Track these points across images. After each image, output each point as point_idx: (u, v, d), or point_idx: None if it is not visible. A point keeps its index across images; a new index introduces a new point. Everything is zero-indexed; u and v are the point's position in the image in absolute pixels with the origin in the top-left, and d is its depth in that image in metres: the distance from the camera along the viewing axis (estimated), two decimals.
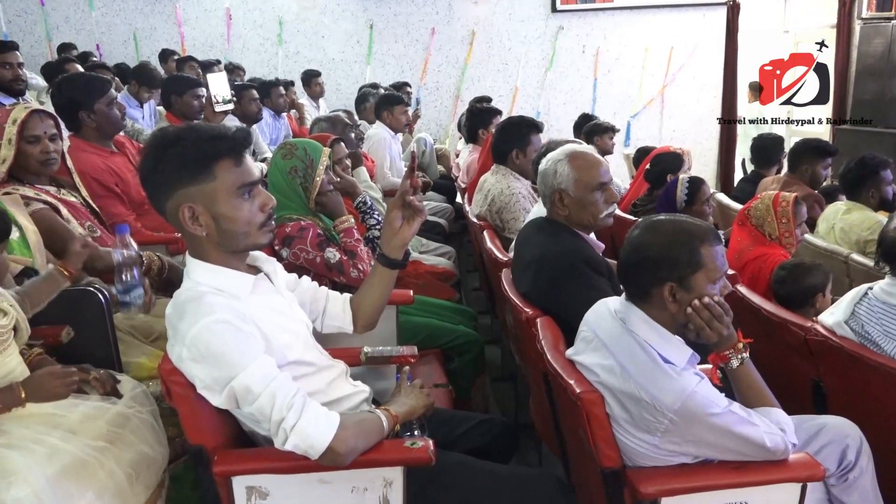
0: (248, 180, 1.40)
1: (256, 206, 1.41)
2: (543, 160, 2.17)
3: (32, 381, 1.50)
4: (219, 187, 1.37)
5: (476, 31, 7.93)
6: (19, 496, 1.33)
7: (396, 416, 1.49)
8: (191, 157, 1.36)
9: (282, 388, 1.33)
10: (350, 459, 1.36)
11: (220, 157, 1.37)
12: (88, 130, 2.82)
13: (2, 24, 7.61)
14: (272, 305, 1.48)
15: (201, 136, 1.37)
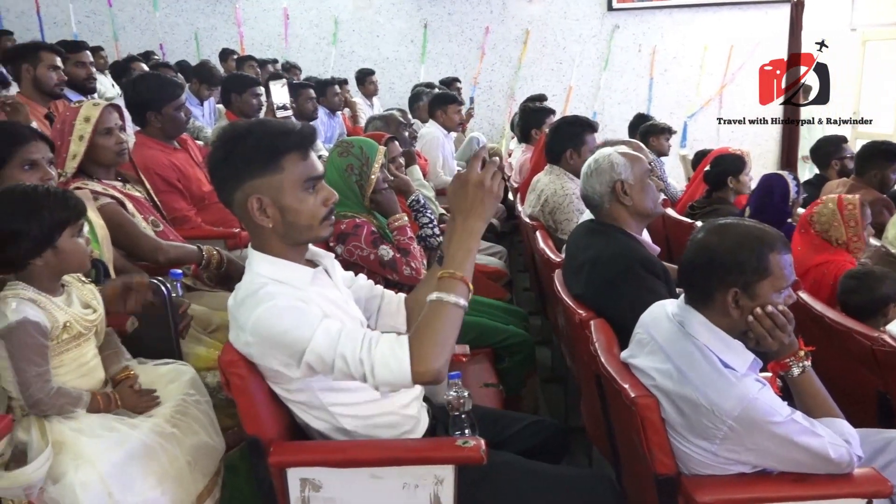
0: (313, 174, 1.43)
1: (320, 200, 1.44)
2: (588, 163, 2.16)
3: (123, 394, 1.57)
4: (286, 180, 1.40)
5: (530, 30, 7.89)
6: (86, 479, 1.38)
7: (463, 277, 1.36)
8: (260, 149, 1.39)
9: (348, 346, 1.33)
10: (444, 369, 1.32)
11: (287, 150, 1.40)
12: (154, 129, 2.91)
13: (72, 25, 7.92)
14: (329, 297, 1.50)
15: (270, 130, 1.41)
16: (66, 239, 1.50)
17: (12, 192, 1.53)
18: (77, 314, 1.56)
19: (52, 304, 1.51)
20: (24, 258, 1.48)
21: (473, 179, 1.36)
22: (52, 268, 1.51)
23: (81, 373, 1.56)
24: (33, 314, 1.46)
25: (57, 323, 1.50)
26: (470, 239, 1.37)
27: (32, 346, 1.44)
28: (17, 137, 1.89)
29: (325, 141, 5.18)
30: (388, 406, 1.53)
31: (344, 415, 1.49)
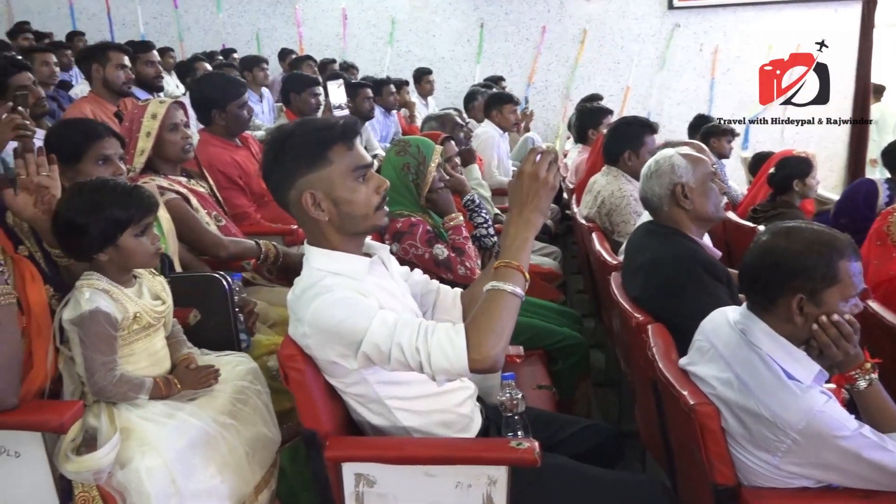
0: (361, 163, 1.45)
1: (371, 188, 1.46)
2: (649, 165, 2.12)
3: (181, 375, 1.61)
4: (335, 171, 1.42)
5: (588, 30, 7.81)
6: (152, 465, 1.43)
7: (520, 267, 1.35)
8: (306, 145, 1.42)
9: (405, 335, 1.34)
10: (500, 358, 1.32)
11: (333, 142, 1.42)
12: (217, 127, 2.99)
13: (140, 26, 8.20)
14: (386, 287, 1.51)
15: (314, 127, 1.46)
16: (127, 238, 1.54)
17: (82, 188, 1.59)
18: (147, 305, 1.61)
19: (124, 295, 1.56)
20: (87, 252, 1.54)
21: (528, 171, 1.36)
22: (116, 263, 1.56)
23: (151, 362, 1.62)
24: (105, 305, 1.51)
25: (128, 313, 1.55)
26: (526, 229, 1.36)
27: (101, 336, 1.50)
28: (92, 133, 1.97)
29: (381, 140, 5.23)
30: (442, 403, 1.54)
31: (400, 409, 1.50)
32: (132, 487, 1.42)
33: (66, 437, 1.43)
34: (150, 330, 1.61)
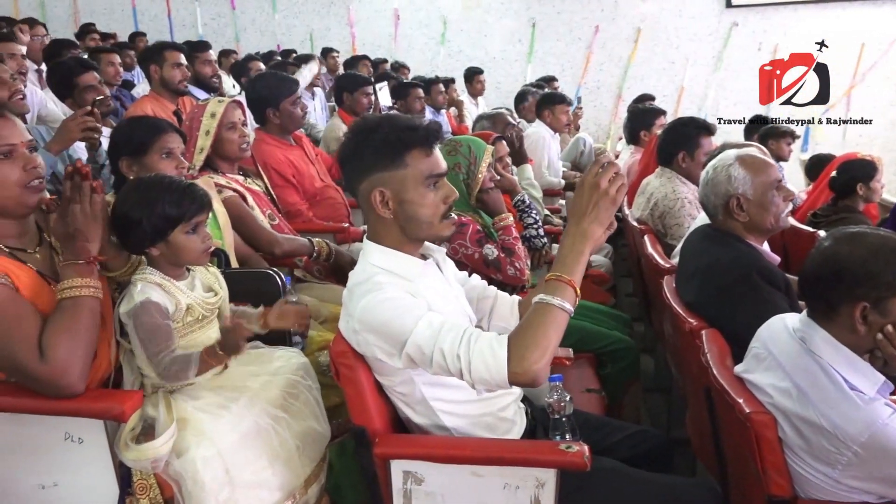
0: (436, 171, 1.45)
1: (440, 197, 1.46)
2: (707, 170, 2.06)
3: (224, 338, 1.60)
4: (409, 175, 1.43)
5: (642, 29, 7.70)
6: (206, 455, 1.47)
7: (571, 281, 1.32)
8: (387, 144, 1.43)
9: (447, 340, 1.33)
10: (542, 373, 1.28)
11: (412, 146, 1.43)
12: (272, 126, 3.05)
13: (199, 27, 8.42)
14: (438, 290, 1.52)
15: (397, 126, 1.45)
16: (177, 234, 1.57)
17: (139, 183, 1.64)
18: (200, 298, 1.65)
19: (176, 288, 1.60)
20: (140, 245, 1.58)
21: (590, 181, 1.32)
22: (167, 258, 1.60)
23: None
24: (156, 296, 1.55)
25: (180, 305, 1.59)
26: (582, 241, 1.33)
27: (153, 325, 1.53)
28: (157, 128, 2.04)
29: None
30: (486, 408, 1.54)
31: (443, 411, 1.50)
32: (188, 476, 1.45)
33: (125, 426, 1.47)
34: (204, 322, 1.65)
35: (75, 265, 1.47)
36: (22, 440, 1.52)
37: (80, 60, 3.21)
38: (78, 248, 1.47)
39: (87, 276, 1.47)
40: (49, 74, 3.12)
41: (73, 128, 2.52)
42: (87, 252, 1.48)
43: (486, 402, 1.53)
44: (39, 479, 1.53)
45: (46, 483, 1.53)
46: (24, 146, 1.50)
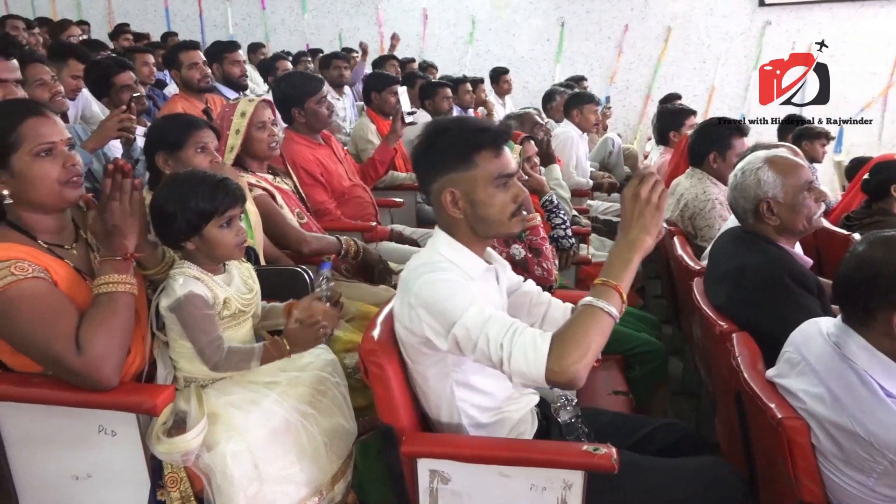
0: (505, 171, 1.47)
1: (509, 196, 1.48)
2: (735, 174, 2.03)
3: (292, 334, 1.63)
4: (479, 176, 1.45)
5: (672, 28, 7.61)
6: (236, 449, 1.49)
7: (618, 286, 1.32)
8: (456, 145, 1.47)
9: (494, 328, 1.34)
10: (581, 374, 1.27)
11: (481, 147, 1.46)
12: (299, 125, 3.07)
13: (230, 27, 8.52)
14: (491, 297, 1.53)
15: (467, 128, 1.49)
16: (212, 228, 1.60)
17: (174, 178, 1.67)
18: (237, 293, 1.67)
19: (213, 282, 1.62)
20: (175, 239, 1.61)
21: (628, 194, 1.34)
22: (202, 252, 1.62)
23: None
24: (198, 289, 1.58)
25: (218, 299, 1.61)
26: (630, 250, 1.33)
27: (200, 317, 1.56)
28: (192, 124, 2.09)
29: None
30: (507, 418, 1.55)
31: (466, 413, 1.51)
32: (217, 470, 1.47)
33: (157, 420, 1.49)
34: (239, 318, 1.67)
35: (112, 261, 1.50)
36: (57, 432, 1.55)
37: (116, 60, 3.27)
38: (115, 244, 1.50)
39: (123, 273, 1.50)
40: (86, 73, 3.18)
41: (110, 126, 2.58)
42: (125, 249, 1.51)
43: (507, 415, 1.55)
44: (74, 471, 1.57)
45: (80, 474, 1.57)
46: (63, 144, 1.53)
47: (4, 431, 1.57)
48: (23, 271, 1.42)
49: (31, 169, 1.47)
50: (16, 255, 1.44)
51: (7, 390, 1.52)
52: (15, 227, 1.51)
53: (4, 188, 1.48)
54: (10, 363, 1.53)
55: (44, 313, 1.42)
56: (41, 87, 2.63)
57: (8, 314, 1.41)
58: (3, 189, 1.48)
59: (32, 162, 1.47)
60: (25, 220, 1.52)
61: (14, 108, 1.54)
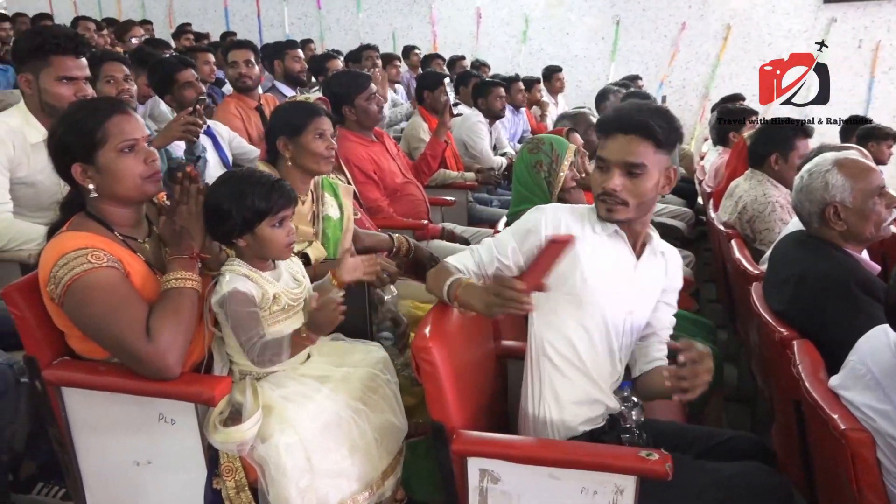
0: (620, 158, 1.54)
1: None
2: (801, 175, 1.97)
3: (311, 320, 1.63)
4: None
5: (732, 26, 7.42)
6: (290, 442, 1.52)
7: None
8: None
9: None
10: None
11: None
12: (351, 122, 3.10)
13: (286, 26, 8.67)
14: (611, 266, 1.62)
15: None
16: (264, 227, 1.63)
17: (230, 176, 1.71)
18: (286, 288, 1.70)
19: (262, 279, 1.66)
20: (228, 236, 1.65)
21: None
22: (253, 250, 1.65)
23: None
24: (242, 286, 1.61)
25: (267, 294, 1.64)
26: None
27: (242, 314, 1.59)
28: (313, 112, 2.18)
29: (510, 138, 5.23)
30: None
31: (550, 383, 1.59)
32: (271, 461, 1.50)
33: (214, 410, 1.53)
34: (289, 312, 1.69)
35: (180, 259, 1.57)
36: (120, 419, 1.61)
37: (179, 58, 3.36)
38: (183, 244, 1.58)
39: (189, 270, 1.57)
40: (150, 72, 3.29)
41: (175, 128, 2.66)
42: (191, 248, 1.59)
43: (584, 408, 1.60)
44: (135, 456, 1.62)
45: (141, 460, 1.62)
46: (144, 140, 1.61)
47: (71, 417, 1.64)
48: (98, 260, 1.48)
49: (115, 164, 1.55)
50: (93, 244, 1.51)
51: (75, 377, 1.59)
52: (94, 217, 1.58)
53: (90, 182, 1.56)
54: (79, 349, 1.60)
55: (116, 302, 1.48)
56: (109, 84, 2.73)
57: (82, 300, 1.47)
58: (89, 183, 1.55)
59: (117, 157, 1.55)
60: (105, 212, 1.59)
61: (100, 107, 1.62)
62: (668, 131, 1.53)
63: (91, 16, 6.95)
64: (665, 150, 1.55)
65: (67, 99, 2.19)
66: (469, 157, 4.44)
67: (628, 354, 1.69)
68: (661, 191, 1.59)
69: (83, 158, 1.55)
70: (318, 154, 2.14)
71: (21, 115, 2.23)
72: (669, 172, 1.58)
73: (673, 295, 1.73)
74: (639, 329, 1.68)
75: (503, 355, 1.94)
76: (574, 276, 1.58)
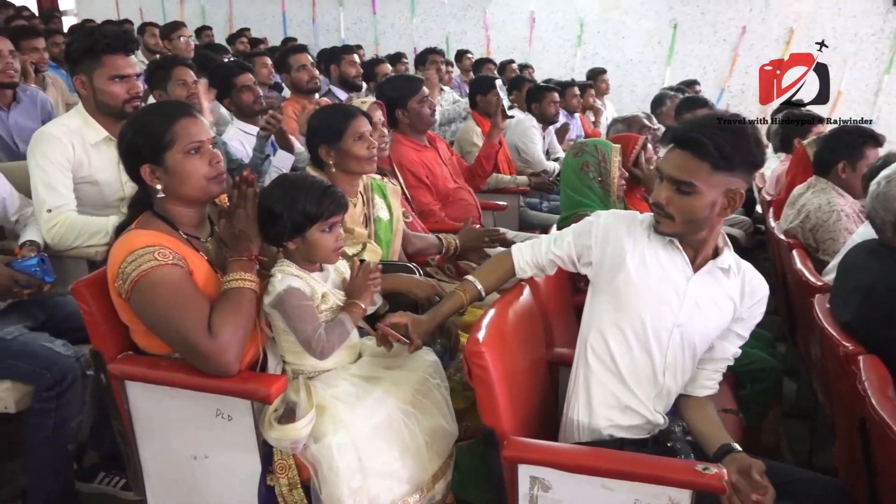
0: (669, 173, 1.52)
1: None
2: (878, 182, 1.89)
3: (349, 288, 1.73)
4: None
5: (795, 29, 7.20)
6: (341, 442, 1.53)
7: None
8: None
9: None
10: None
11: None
12: (404, 126, 3.13)
13: (342, 31, 8.81)
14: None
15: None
16: (314, 232, 1.66)
17: (284, 180, 1.75)
18: (332, 288, 1.73)
19: (311, 278, 1.69)
20: (279, 238, 1.68)
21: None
22: (302, 253, 1.68)
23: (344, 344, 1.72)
24: (295, 283, 1.64)
25: (317, 293, 1.68)
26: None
27: (301, 307, 1.62)
28: (349, 114, 2.21)
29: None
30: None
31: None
32: (324, 460, 1.52)
33: (270, 408, 1.56)
34: (337, 312, 1.71)
35: (240, 261, 1.62)
36: (179, 413, 1.66)
37: (238, 63, 3.45)
38: (242, 247, 1.62)
39: (248, 272, 1.62)
40: (211, 75, 3.38)
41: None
42: (250, 251, 1.63)
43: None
44: (193, 450, 1.67)
45: (199, 454, 1.66)
46: (209, 142, 1.66)
47: (133, 410, 1.70)
48: (164, 258, 1.54)
49: (182, 165, 1.61)
50: (160, 241, 1.57)
51: (137, 371, 1.65)
52: (161, 217, 1.64)
53: (158, 182, 1.61)
54: (142, 345, 1.66)
55: (180, 299, 1.53)
56: (181, 87, 2.83)
57: (148, 296, 1.52)
58: (157, 183, 1.61)
59: (184, 159, 1.61)
60: (171, 212, 1.65)
61: (168, 110, 1.68)
62: (732, 152, 1.45)
63: (156, 20, 7.18)
64: (726, 171, 1.47)
65: (121, 97, 2.27)
66: (521, 161, 4.43)
67: (677, 370, 1.63)
68: (720, 213, 1.52)
69: (152, 160, 1.61)
70: (361, 157, 2.16)
71: (80, 116, 2.32)
72: (733, 195, 1.50)
73: (747, 326, 1.67)
74: (693, 347, 1.62)
75: (555, 362, 1.92)
76: (618, 278, 1.59)
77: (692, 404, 1.69)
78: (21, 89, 3.26)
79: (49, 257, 2.04)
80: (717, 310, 1.61)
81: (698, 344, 1.62)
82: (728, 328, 1.65)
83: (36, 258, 1.99)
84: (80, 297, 1.64)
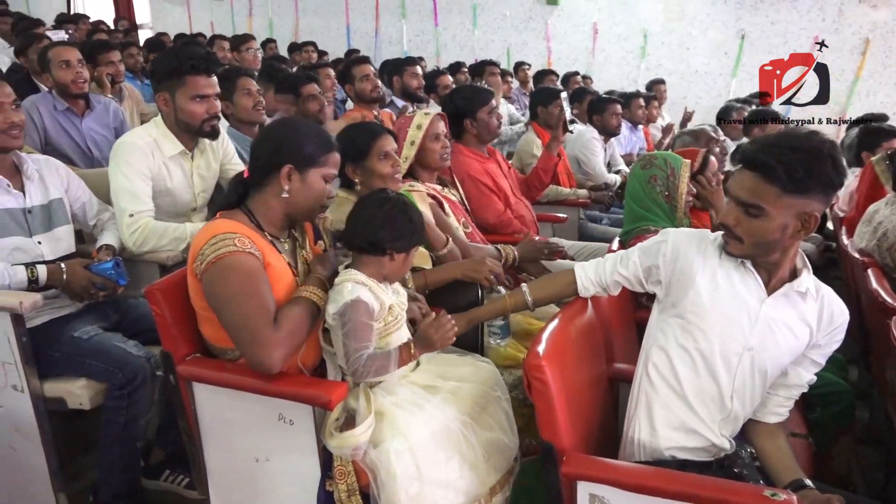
0: (737, 194, 1.49)
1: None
2: None
3: (420, 335, 1.71)
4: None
5: (871, 39, 6.93)
6: (399, 448, 1.54)
7: None
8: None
9: None
10: None
11: None
12: (469, 137, 3.14)
13: (404, 43, 8.92)
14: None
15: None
16: (403, 255, 1.73)
17: (385, 200, 1.75)
18: (395, 298, 1.74)
19: (379, 288, 1.70)
20: (384, 250, 1.70)
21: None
22: (376, 268, 1.71)
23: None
24: (365, 295, 1.65)
25: (384, 304, 1.69)
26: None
27: (360, 323, 1.63)
28: (373, 133, 2.22)
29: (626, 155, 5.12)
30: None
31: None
32: (382, 466, 1.53)
33: (331, 415, 1.58)
34: (400, 321, 1.74)
35: (320, 279, 1.73)
36: (243, 415, 1.70)
37: (305, 74, 3.55)
38: (327, 267, 1.77)
39: (323, 290, 1.70)
40: (279, 86, 3.48)
41: None
42: (331, 271, 1.77)
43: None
44: (255, 453, 1.70)
45: (261, 457, 1.70)
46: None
47: (199, 411, 1.75)
48: (243, 245, 1.61)
49: (317, 184, 1.74)
50: (241, 231, 1.65)
51: (205, 373, 1.70)
52: (248, 214, 1.73)
53: (287, 184, 1.70)
54: (211, 337, 1.73)
55: (250, 287, 1.59)
56: (246, 96, 2.95)
57: (220, 277, 1.59)
58: (286, 184, 1.70)
59: (319, 180, 1.74)
60: (260, 212, 1.74)
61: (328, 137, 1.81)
62: (804, 175, 1.39)
63: (226, 33, 7.43)
64: (798, 194, 1.41)
65: (200, 116, 2.38)
66: (582, 173, 4.39)
67: (746, 395, 1.58)
68: (794, 235, 1.46)
69: (296, 164, 1.70)
70: (385, 175, 2.18)
71: (158, 129, 2.43)
72: (807, 218, 1.43)
73: (824, 353, 1.61)
74: (764, 372, 1.57)
75: (615, 378, 1.89)
76: (686, 299, 1.55)
77: (761, 430, 1.63)
78: (95, 98, 3.43)
79: (123, 261, 2.13)
80: (791, 335, 1.55)
81: (770, 369, 1.56)
82: (803, 354, 1.59)
83: (111, 262, 2.08)
84: (152, 300, 1.70)
